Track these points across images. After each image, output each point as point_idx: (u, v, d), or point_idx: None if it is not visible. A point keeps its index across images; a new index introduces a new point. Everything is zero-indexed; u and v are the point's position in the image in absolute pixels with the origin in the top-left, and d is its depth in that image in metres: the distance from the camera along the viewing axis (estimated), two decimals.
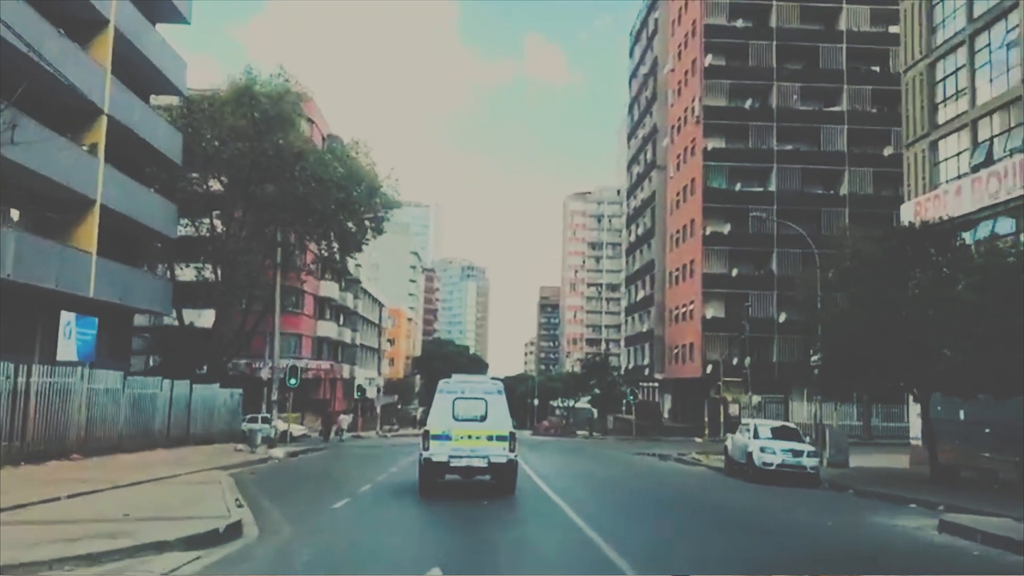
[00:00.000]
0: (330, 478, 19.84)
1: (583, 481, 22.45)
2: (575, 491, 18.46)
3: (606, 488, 20.84)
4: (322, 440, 48.50)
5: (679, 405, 67.00)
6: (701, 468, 28.45)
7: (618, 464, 30.32)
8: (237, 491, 15.09)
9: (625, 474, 25.61)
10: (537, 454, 33.88)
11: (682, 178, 65.03)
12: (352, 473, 22.03)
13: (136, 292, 28.29)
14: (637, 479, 23.96)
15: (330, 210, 36.49)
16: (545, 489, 18.08)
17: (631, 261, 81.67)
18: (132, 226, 28.51)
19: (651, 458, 34.30)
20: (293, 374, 33.16)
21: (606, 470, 26.85)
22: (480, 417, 15.52)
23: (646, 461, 32.58)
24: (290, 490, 17.04)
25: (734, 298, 59.16)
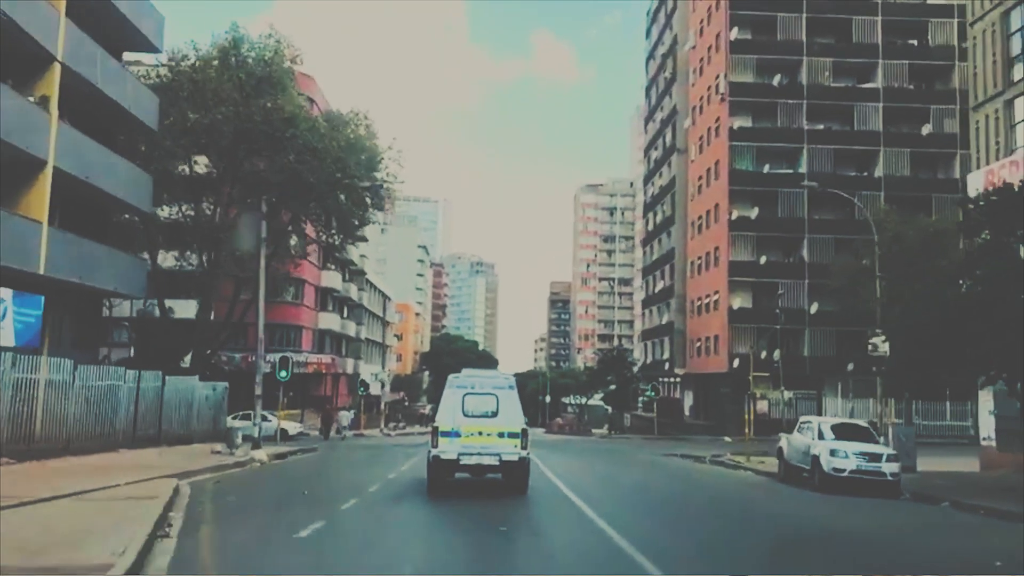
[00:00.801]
0: (311, 488, 16.27)
1: (615, 488, 18.91)
2: (610, 503, 14.97)
3: (645, 498, 17.25)
4: (321, 438, 45.24)
5: (701, 402, 63.31)
6: (745, 473, 24.77)
7: (649, 467, 26.71)
8: (182, 511, 11.67)
9: (661, 480, 21.98)
10: (556, 455, 30.31)
11: (705, 161, 61.27)
12: (340, 481, 18.52)
13: (102, 271, 24.81)
14: (677, 486, 20.34)
15: (325, 185, 32.95)
16: (578, 502, 14.51)
17: (649, 251, 77.94)
18: (98, 196, 25.06)
19: (682, 460, 30.70)
20: (283, 366, 29.69)
21: (639, 475, 23.25)
22: (491, 413, 14.91)
23: (678, 464, 28.95)
24: (254, 506, 13.51)
25: (762, 287, 55.42)
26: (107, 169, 24.93)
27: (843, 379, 52.97)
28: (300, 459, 25.61)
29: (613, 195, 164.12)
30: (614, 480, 21.57)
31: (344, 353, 71.78)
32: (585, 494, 15.78)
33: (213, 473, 18.33)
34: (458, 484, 15.53)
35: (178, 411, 26.28)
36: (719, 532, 12.29)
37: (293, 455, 27.09)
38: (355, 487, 16.06)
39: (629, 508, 15.21)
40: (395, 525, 11.65)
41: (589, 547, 10.14)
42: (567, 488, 16.95)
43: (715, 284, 57.66)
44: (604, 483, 20.10)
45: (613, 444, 44.72)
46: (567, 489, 16.84)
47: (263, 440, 30.58)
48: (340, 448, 34.12)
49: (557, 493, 16.36)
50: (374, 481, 17.32)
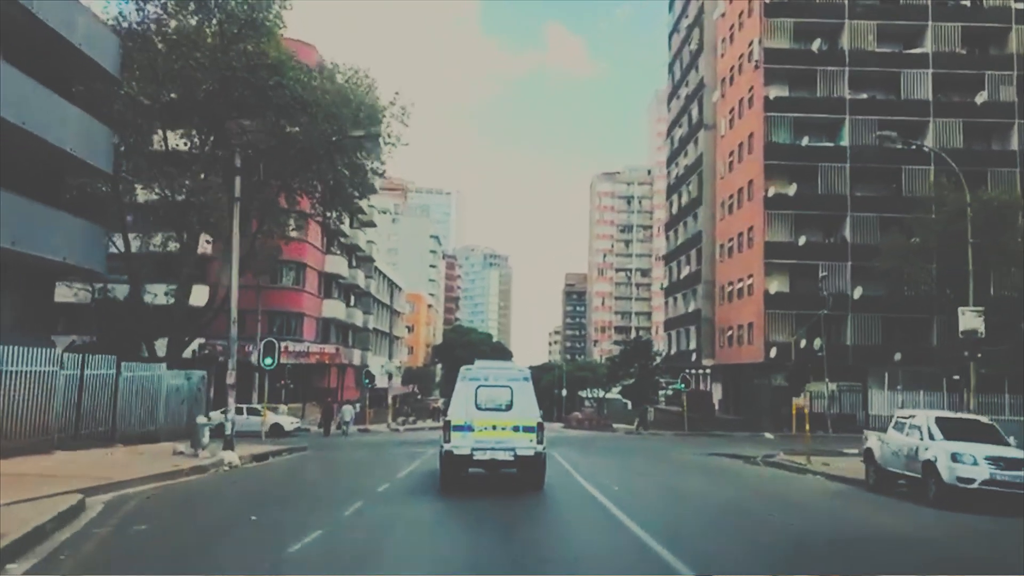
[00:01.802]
0: (268, 508, 12.15)
1: (674, 502, 14.71)
2: (678, 525, 10.79)
3: (716, 518, 13.02)
4: (322, 434, 41.45)
5: (731, 395, 58.99)
6: (815, 478, 20.48)
7: (700, 471, 22.48)
8: (34, 558, 7.58)
9: (725, 489, 17.68)
10: (582, 454, 26.18)
11: (736, 135, 56.82)
12: (312, 496, 14.30)
13: (48, 238, 20.82)
14: (749, 498, 16.09)
15: (317, 146, 28.78)
16: (630, 525, 10.33)
17: (672, 235, 73.49)
18: (42, 150, 21.05)
19: (730, 461, 26.47)
20: (268, 352, 25.71)
21: (698, 483, 19.00)
22: (505, 406, 14.41)
23: (730, 466, 24.66)
24: (163, 543, 9.21)
25: (800, 270, 50.96)
26: (53, 117, 20.92)
27: (890, 370, 48.51)
28: (282, 462, 21.57)
29: (630, 183, 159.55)
30: (669, 488, 17.39)
31: (351, 343, 67.87)
32: (640, 513, 11.63)
33: (156, 483, 14.31)
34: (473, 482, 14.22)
35: (139, 404, 22.32)
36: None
37: (277, 456, 23.08)
38: (328, 506, 12.03)
39: (713, 538, 11.03)
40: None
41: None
42: (607, 499, 12.79)
43: (749, 267, 53.26)
44: (663, 497, 15.86)
45: (643, 441, 40.46)
46: (606, 499, 12.74)
47: (245, 438, 26.70)
48: (337, 446, 30.11)
49: (599, 508, 12.21)
50: (356, 496, 13.19)
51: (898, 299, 48.22)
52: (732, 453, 28.47)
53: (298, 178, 30.41)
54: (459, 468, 14.36)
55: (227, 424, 20.70)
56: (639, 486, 17.55)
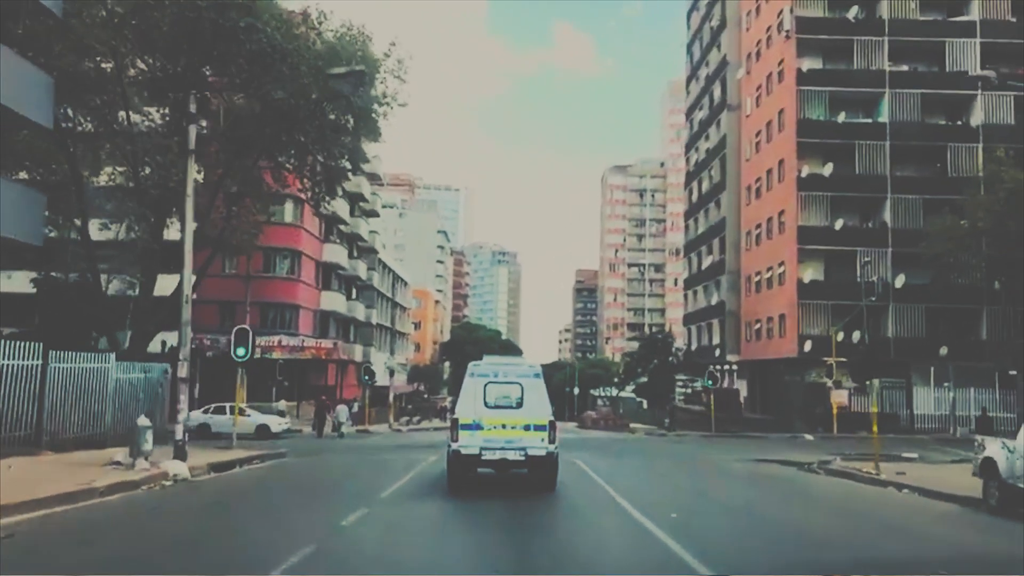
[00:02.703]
0: (180, 554, 8.29)
1: (760, 537, 10.79)
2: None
3: (839, 559, 9.11)
4: (316, 435, 37.76)
5: (758, 392, 54.94)
6: (905, 494, 16.49)
7: (758, 483, 18.52)
8: None
9: (812, 514, 13.65)
10: (609, 461, 22.30)
11: (765, 113, 52.78)
12: (252, 534, 10.25)
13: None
14: (845, 526, 12.14)
15: (299, 105, 24.94)
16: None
17: (693, 224, 69.42)
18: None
19: (779, 467, 22.57)
20: (240, 341, 21.85)
21: (762, 500, 15.05)
22: (515, 404, 13.77)
23: (787, 475, 20.67)
24: None
25: (836, 257, 46.92)
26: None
27: (936, 365, 44.44)
28: (245, 474, 17.70)
29: (642, 176, 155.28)
30: (736, 512, 13.51)
31: (353, 339, 64.20)
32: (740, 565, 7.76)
33: (40, 510, 10.49)
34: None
35: (76, 402, 18.52)
36: None
37: (247, 464, 19.26)
38: (262, 553, 8.16)
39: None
40: None
41: None
42: (699, 559, 8.87)
43: (779, 255, 49.22)
44: (741, 531, 11.89)
45: (673, 444, 36.41)
46: (669, 539, 8.85)
47: (222, 442, 23.14)
48: (326, 451, 26.29)
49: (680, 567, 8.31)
50: (311, 535, 9.30)
51: (944, 288, 44.14)
52: (780, 459, 24.52)
53: (277, 144, 26.54)
54: (467, 468, 13.82)
55: (178, 427, 16.85)
56: (699, 509, 13.64)
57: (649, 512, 11.72)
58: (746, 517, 12.62)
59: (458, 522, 10.71)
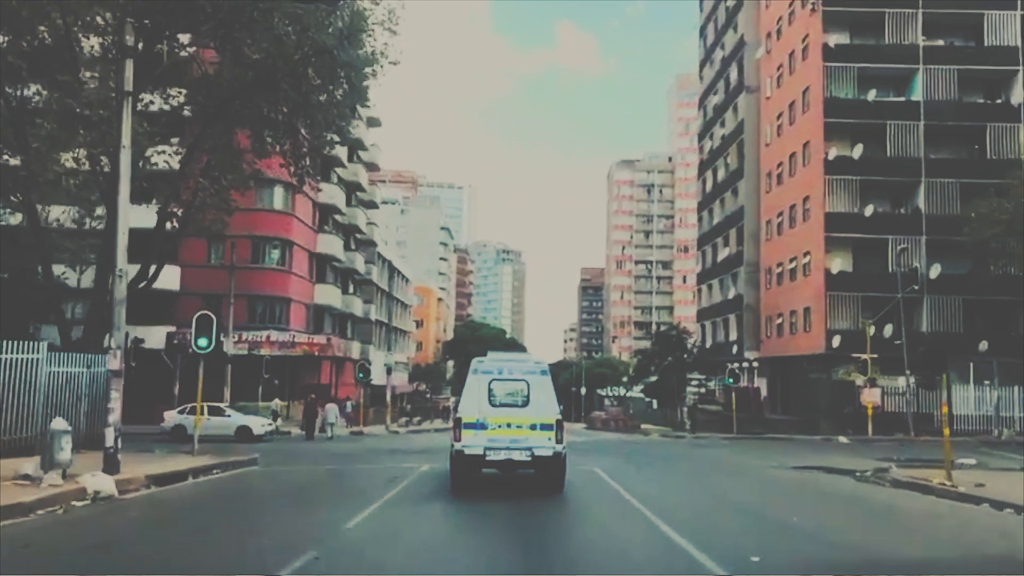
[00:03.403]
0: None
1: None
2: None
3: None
4: (304, 437, 34.77)
5: (778, 391, 51.61)
6: (1002, 512, 13.28)
7: (817, 498, 15.25)
8: None
9: (912, 547, 10.48)
10: (631, 468, 19.10)
11: (787, 93, 49.51)
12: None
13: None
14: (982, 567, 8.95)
15: (277, 65, 21.81)
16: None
17: (707, 216, 66.08)
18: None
19: (826, 476, 19.31)
20: (203, 331, 18.72)
21: (835, 521, 11.85)
22: (521, 402, 13.18)
23: (845, 488, 17.36)
24: None
25: (866, 246, 43.63)
26: None
27: (976, 361, 41.09)
28: (192, 489, 14.45)
29: (650, 171, 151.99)
30: (816, 539, 10.31)
31: (351, 335, 61.06)
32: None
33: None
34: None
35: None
36: None
37: (204, 474, 16.06)
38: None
39: None
40: None
41: None
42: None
43: (804, 244, 45.94)
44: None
45: (699, 448, 32.89)
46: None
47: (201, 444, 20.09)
48: (305, 457, 23.10)
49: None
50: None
51: (984, 278, 40.85)
52: (824, 465, 21.24)
53: (253, 111, 23.39)
54: (471, 469, 13.35)
55: (108, 431, 13.68)
56: (775, 541, 10.39)
57: (702, 540, 8.51)
58: (845, 552, 9.36)
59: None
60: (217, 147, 24.24)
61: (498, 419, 13.06)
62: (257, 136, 24.92)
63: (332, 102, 23.89)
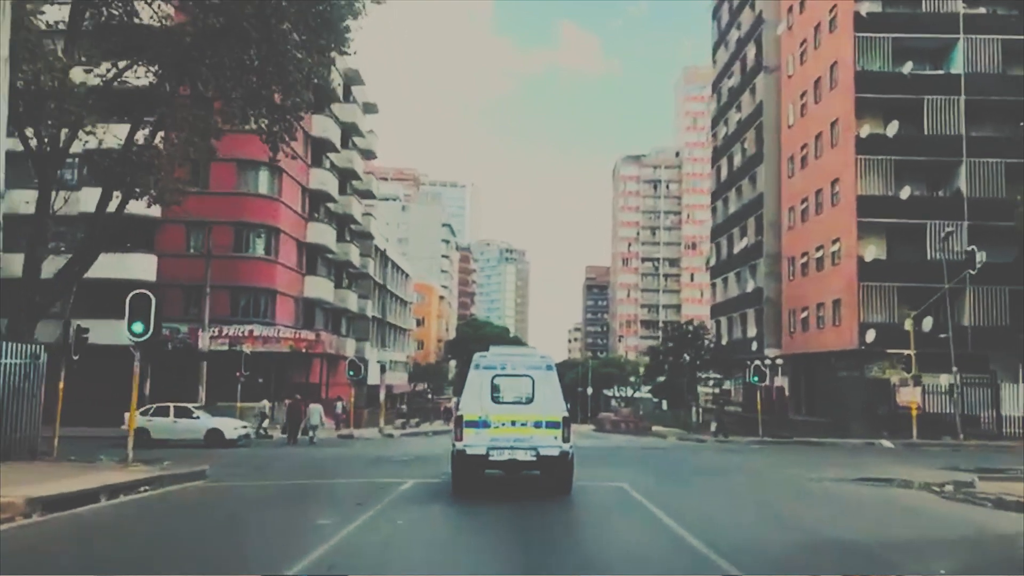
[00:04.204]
0: None
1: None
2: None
3: None
4: (287, 440, 31.44)
5: (802, 390, 48.02)
6: None
7: (931, 526, 11.55)
8: None
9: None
10: (672, 486, 15.58)
11: (812, 70, 46.00)
12: None
13: None
14: None
15: (253, 23, 18.57)
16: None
17: (721, 206, 62.54)
18: None
19: (900, 490, 15.82)
20: (137, 313, 15.23)
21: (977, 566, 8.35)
22: (526, 399, 12.52)
23: (930, 506, 13.78)
24: None
25: (901, 233, 40.15)
26: None
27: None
28: (91, 519, 10.72)
29: (657, 167, 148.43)
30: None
31: (346, 332, 57.64)
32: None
33: None
34: None
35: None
36: None
37: (126, 493, 12.57)
38: None
39: None
40: None
41: None
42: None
43: (833, 230, 42.40)
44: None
45: (729, 453, 29.25)
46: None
47: (157, 450, 16.89)
48: (271, 467, 19.59)
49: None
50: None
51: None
52: (887, 477, 17.64)
53: (215, 63, 19.99)
54: (473, 470, 12.61)
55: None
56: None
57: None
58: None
59: None
60: (167, 101, 20.80)
61: (501, 417, 12.40)
62: (222, 93, 21.48)
63: (306, 44, 20.43)
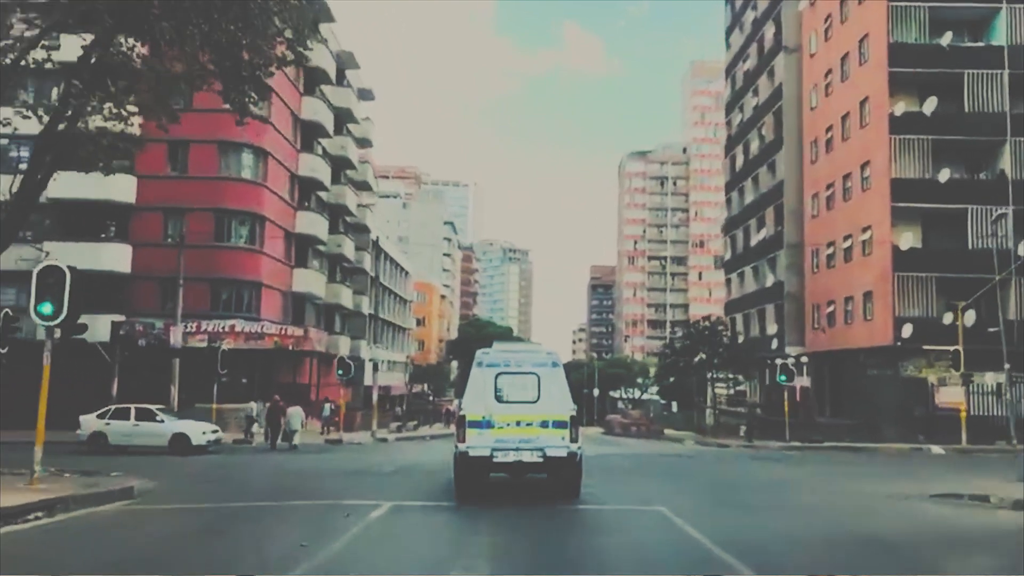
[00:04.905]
0: None
1: None
2: None
3: None
4: (268, 445, 28.40)
5: (826, 390, 44.73)
6: None
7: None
8: None
9: None
10: (723, 509, 12.40)
11: (839, 45, 42.79)
12: None
13: None
14: None
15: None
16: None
17: (736, 196, 59.28)
18: None
19: (1008, 512, 12.61)
20: (47, 291, 12.08)
21: None
22: (531, 398, 12.04)
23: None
24: None
25: (938, 218, 36.94)
26: None
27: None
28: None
29: (663, 163, 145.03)
30: None
31: (342, 330, 54.54)
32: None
33: None
34: None
35: None
36: None
37: (8, 524, 9.42)
38: None
39: None
40: None
41: None
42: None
43: (863, 218, 39.17)
44: None
45: (768, 462, 25.93)
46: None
47: (98, 460, 13.78)
48: (234, 478, 16.42)
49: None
50: None
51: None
52: (974, 493, 14.45)
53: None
54: (477, 473, 12.23)
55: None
56: None
57: None
58: None
59: None
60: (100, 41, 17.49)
61: (506, 416, 12.03)
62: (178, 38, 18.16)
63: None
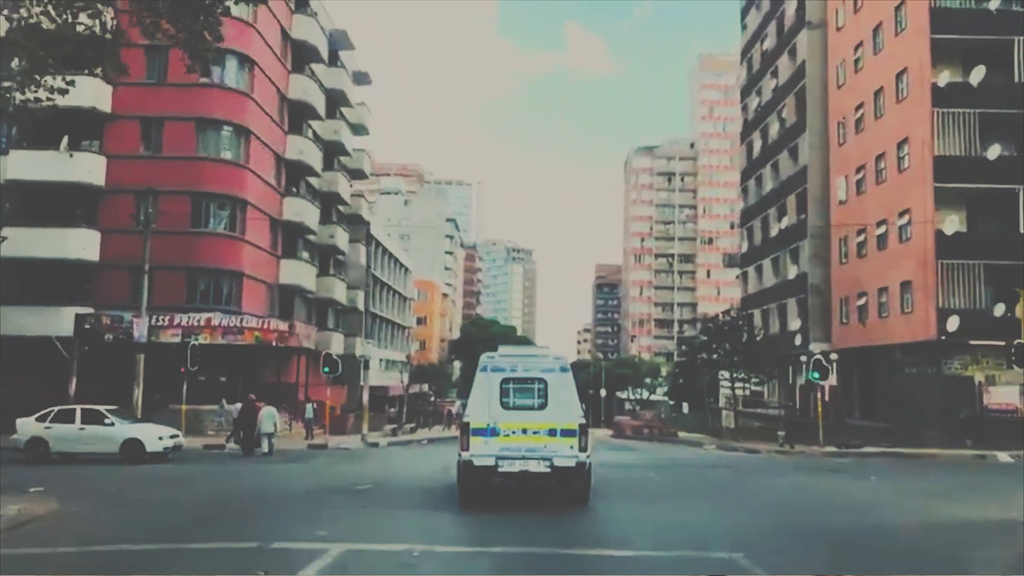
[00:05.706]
0: None
1: None
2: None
3: None
4: (240, 451, 25.15)
5: (856, 390, 41.31)
6: None
7: None
8: None
9: None
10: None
11: (870, 16, 39.42)
12: None
13: None
14: None
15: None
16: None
17: (754, 185, 55.93)
18: None
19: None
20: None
21: None
22: (538, 404, 11.55)
23: None
24: None
25: (985, 200, 33.59)
26: None
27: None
28: None
29: (671, 159, 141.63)
30: None
31: (333, 326, 51.24)
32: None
33: None
34: None
35: None
36: None
37: None
38: None
39: None
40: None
41: None
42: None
43: (901, 200, 35.78)
44: None
45: (828, 475, 22.09)
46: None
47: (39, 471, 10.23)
48: (164, 497, 13.12)
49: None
50: None
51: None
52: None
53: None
54: (481, 483, 11.71)
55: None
56: None
57: None
58: None
59: None
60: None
61: (512, 424, 11.40)
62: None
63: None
